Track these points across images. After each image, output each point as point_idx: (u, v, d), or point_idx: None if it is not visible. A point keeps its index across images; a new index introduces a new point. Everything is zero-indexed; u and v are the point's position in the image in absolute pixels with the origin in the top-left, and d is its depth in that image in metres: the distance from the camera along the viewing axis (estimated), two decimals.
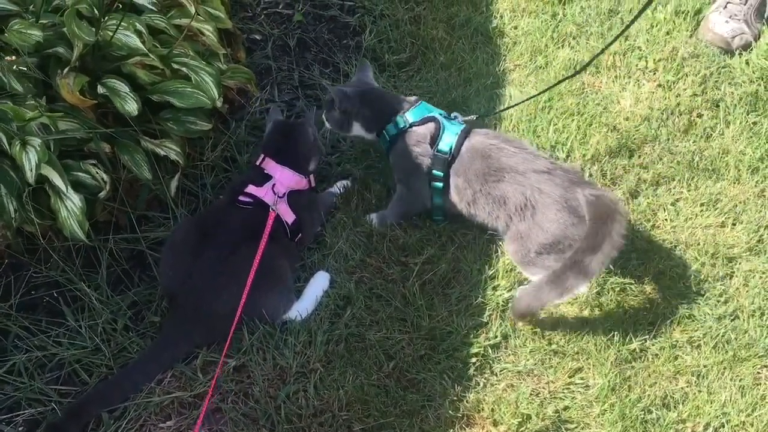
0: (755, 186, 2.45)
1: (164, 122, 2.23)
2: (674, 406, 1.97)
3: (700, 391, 1.99)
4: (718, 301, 2.17)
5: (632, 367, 2.04)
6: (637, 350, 2.07)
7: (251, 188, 2.18)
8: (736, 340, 2.09)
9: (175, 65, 2.19)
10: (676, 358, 2.06)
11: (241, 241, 2.08)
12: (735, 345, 2.07)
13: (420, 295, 2.14)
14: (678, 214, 2.37)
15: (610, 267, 2.17)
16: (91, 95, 2.06)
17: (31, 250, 2.16)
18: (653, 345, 2.08)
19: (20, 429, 1.89)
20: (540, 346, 2.07)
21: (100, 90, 2.03)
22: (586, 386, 2.01)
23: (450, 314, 2.12)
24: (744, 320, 2.13)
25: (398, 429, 1.89)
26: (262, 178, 2.21)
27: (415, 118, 2.25)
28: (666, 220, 2.36)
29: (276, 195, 2.16)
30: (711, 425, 1.95)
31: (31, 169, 1.87)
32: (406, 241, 2.27)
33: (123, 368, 1.99)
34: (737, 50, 2.84)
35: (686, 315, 2.13)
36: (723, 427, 1.95)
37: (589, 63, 2.44)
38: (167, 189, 2.27)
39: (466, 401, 1.96)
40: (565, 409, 1.97)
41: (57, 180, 1.95)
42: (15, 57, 2.00)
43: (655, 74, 2.79)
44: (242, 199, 2.17)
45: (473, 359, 2.03)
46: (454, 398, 1.96)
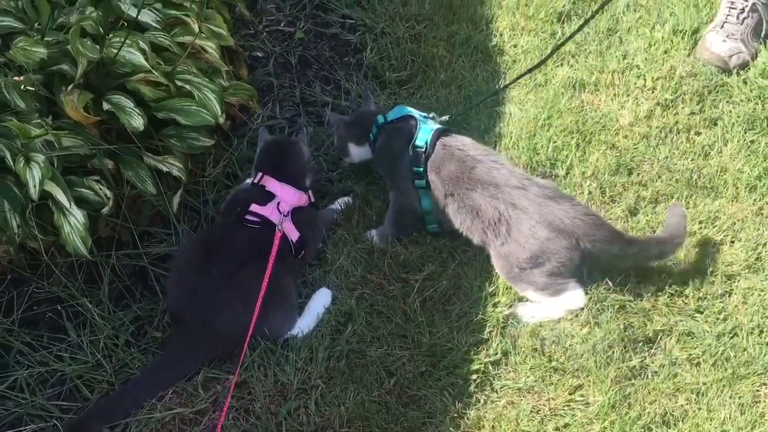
0: (753, 204, 2.46)
1: (167, 139, 2.25)
2: (674, 424, 1.98)
3: (699, 409, 2.00)
4: (717, 319, 2.18)
5: (632, 384, 2.04)
6: (637, 367, 2.08)
7: (255, 207, 2.19)
8: (735, 357, 2.09)
9: (178, 82, 2.21)
10: (675, 376, 2.06)
11: (246, 259, 2.09)
12: (734, 362, 2.08)
13: (421, 311, 2.15)
14: None
15: (609, 284, 2.19)
16: (95, 112, 2.08)
17: (34, 266, 2.17)
18: (653, 362, 2.09)
19: None
20: (540, 363, 2.08)
21: (106, 106, 2.06)
22: (587, 403, 2.01)
23: (450, 331, 2.13)
24: (743, 338, 2.13)
25: None
26: (265, 197, 2.22)
27: (393, 117, 2.35)
28: None
29: (281, 214, 2.18)
30: None
31: (34, 186, 1.89)
32: (407, 257, 2.28)
33: (125, 384, 2.00)
34: (734, 69, 2.87)
35: (685, 332, 2.14)
36: None
37: (552, 53, 2.60)
38: (170, 205, 2.29)
39: (467, 418, 1.96)
40: (566, 426, 1.97)
41: (60, 196, 1.97)
42: (21, 77, 2.02)
43: (654, 92, 2.82)
44: (249, 218, 2.17)
45: (474, 376, 2.04)
46: (455, 415, 1.96)
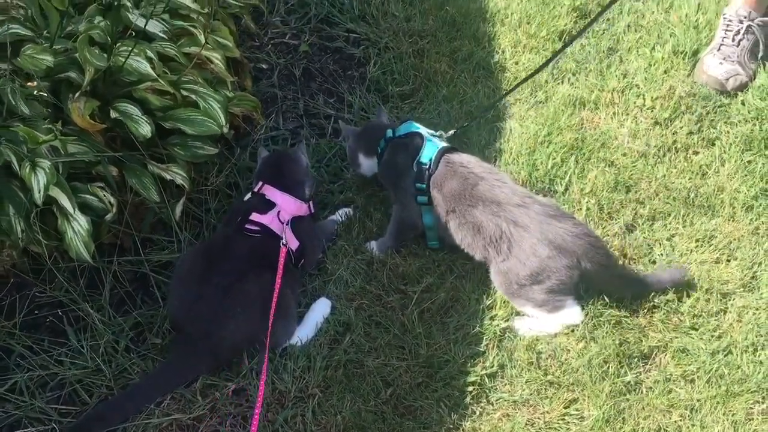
0: (749, 223, 2.49)
1: (171, 147, 2.28)
2: None
3: (693, 425, 2.02)
4: (712, 336, 2.20)
5: (627, 399, 2.06)
6: (632, 383, 2.09)
7: (255, 216, 2.22)
8: (730, 375, 2.11)
9: (184, 91, 2.24)
10: (670, 392, 2.08)
11: (246, 269, 2.12)
12: (728, 380, 2.10)
13: (418, 323, 2.18)
14: (673, 250, 2.41)
15: (606, 299, 2.21)
16: (101, 119, 2.11)
17: (36, 270, 2.19)
18: (647, 378, 2.11)
19: None
20: (536, 377, 2.10)
21: (113, 114, 2.08)
22: (581, 417, 2.03)
23: (448, 343, 2.15)
24: (737, 355, 2.15)
25: None
26: (265, 205, 2.25)
27: (401, 132, 2.39)
28: (661, 255, 2.40)
29: (282, 222, 2.20)
30: None
31: (39, 191, 1.90)
32: (406, 269, 2.31)
33: (125, 389, 2.02)
34: (732, 92, 2.91)
35: (680, 349, 2.16)
36: None
37: (546, 64, 2.62)
38: (172, 213, 2.31)
39: (462, 429, 1.98)
40: None
41: (65, 201, 1.99)
42: (33, 83, 2.05)
43: (653, 112, 2.85)
44: (249, 227, 2.20)
45: (470, 388, 2.06)
46: (451, 426, 1.98)
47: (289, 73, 2.98)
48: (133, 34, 2.16)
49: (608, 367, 2.10)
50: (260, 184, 2.31)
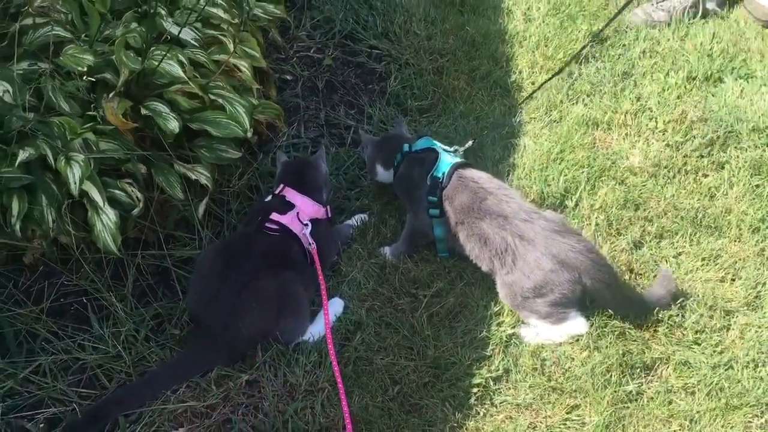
0: (755, 245, 2.54)
1: (198, 148, 2.38)
2: None
3: None
4: (714, 351, 2.25)
5: (627, 407, 2.11)
6: (633, 392, 2.14)
7: (275, 216, 2.31)
8: (730, 388, 2.15)
9: (212, 96, 2.35)
10: (670, 403, 2.13)
11: (264, 266, 2.20)
12: (728, 393, 2.14)
13: (427, 325, 2.25)
14: (679, 267, 2.46)
15: (610, 311, 2.27)
16: (133, 119, 2.22)
17: (64, 260, 2.30)
18: (649, 388, 2.16)
19: (41, 426, 1.99)
20: (539, 382, 2.15)
21: (143, 111, 2.19)
22: (582, 423, 2.08)
23: (455, 345, 2.21)
24: (738, 370, 2.20)
25: None
26: (285, 206, 2.34)
27: (418, 148, 2.47)
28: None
29: (301, 223, 2.29)
30: None
31: (74, 182, 2.01)
32: (417, 274, 2.38)
33: (143, 376, 2.10)
34: None
35: (682, 362, 2.21)
36: None
37: (555, 75, 2.72)
38: (195, 211, 2.41)
39: (466, 429, 2.04)
40: None
41: (96, 195, 2.10)
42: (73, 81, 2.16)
43: (664, 134, 2.92)
44: (269, 226, 2.29)
45: (475, 389, 2.12)
46: (455, 425, 2.04)
47: (313, 84, 3.09)
48: (168, 38, 2.27)
49: (611, 376, 2.16)
50: (281, 186, 2.41)
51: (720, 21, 3.48)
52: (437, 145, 2.49)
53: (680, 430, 2.08)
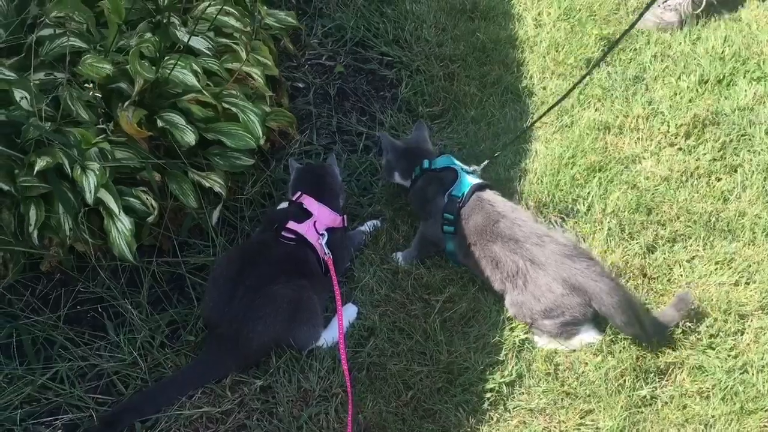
0: None
1: (212, 157, 2.41)
2: None
3: None
4: (729, 355, 2.24)
5: (641, 412, 2.11)
6: (648, 397, 2.14)
7: (292, 224, 2.32)
8: (744, 392, 2.15)
9: (225, 104, 2.37)
10: (685, 407, 2.13)
11: (278, 274, 2.21)
12: (743, 397, 2.13)
13: (440, 330, 2.26)
14: (693, 271, 2.46)
15: None
16: (147, 128, 2.24)
17: (80, 268, 2.33)
18: (663, 393, 2.16)
19: None
20: (553, 387, 2.16)
21: (159, 123, 2.22)
22: (597, 428, 2.08)
23: (468, 351, 2.22)
24: (753, 374, 2.19)
25: None
26: (302, 214, 2.36)
27: (438, 165, 2.47)
28: (681, 275, 2.45)
29: (318, 233, 2.31)
30: None
31: (90, 191, 2.04)
32: (430, 279, 2.39)
33: (158, 383, 2.12)
34: None
35: (696, 366, 2.21)
36: None
37: (575, 86, 2.70)
38: (209, 219, 2.43)
39: None
40: None
41: (111, 203, 2.13)
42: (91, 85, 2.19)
43: (677, 138, 2.91)
44: (286, 234, 2.30)
45: (488, 395, 2.13)
46: (468, 430, 2.05)
47: (324, 92, 3.11)
48: (181, 48, 2.30)
49: (624, 381, 2.16)
50: (299, 193, 2.42)
51: (732, 24, 3.46)
52: (457, 165, 2.49)
53: None
